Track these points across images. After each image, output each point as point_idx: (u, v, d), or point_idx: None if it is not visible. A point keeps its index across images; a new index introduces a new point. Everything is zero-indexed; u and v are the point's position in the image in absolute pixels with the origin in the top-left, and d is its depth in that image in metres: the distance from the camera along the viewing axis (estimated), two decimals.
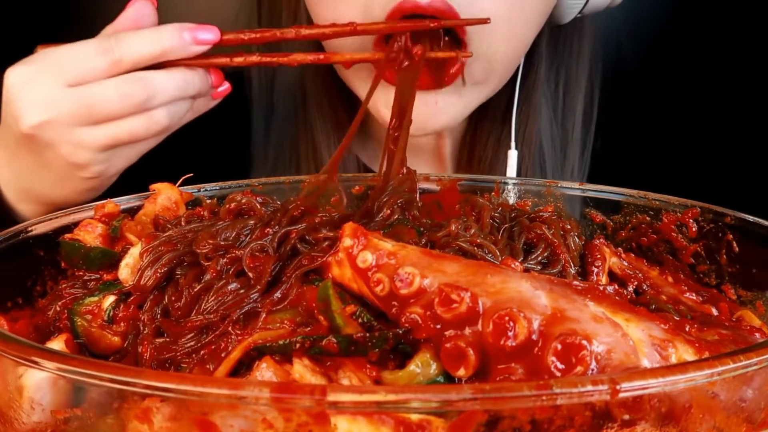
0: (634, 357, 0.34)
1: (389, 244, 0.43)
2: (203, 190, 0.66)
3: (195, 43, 0.67)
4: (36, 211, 0.75)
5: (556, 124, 0.95)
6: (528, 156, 0.91)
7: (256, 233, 0.48)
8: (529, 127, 0.91)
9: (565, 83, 0.95)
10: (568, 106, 0.95)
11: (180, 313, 0.45)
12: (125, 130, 0.67)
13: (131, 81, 0.66)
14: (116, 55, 0.65)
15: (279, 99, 0.97)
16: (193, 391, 0.29)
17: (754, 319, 0.52)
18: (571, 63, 0.94)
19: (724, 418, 0.33)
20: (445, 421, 0.31)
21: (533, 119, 0.91)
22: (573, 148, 0.95)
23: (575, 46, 0.94)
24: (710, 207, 0.59)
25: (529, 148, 0.91)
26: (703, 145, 1.04)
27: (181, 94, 0.69)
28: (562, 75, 0.95)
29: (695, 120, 1.05)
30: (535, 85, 0.91)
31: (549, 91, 0.94)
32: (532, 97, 0.91)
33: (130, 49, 0.65)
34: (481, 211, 0.55)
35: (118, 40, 0.66)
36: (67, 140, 0.67)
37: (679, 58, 1.11)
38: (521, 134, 0.91)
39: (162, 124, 0.68)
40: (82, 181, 0.71)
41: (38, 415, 0.35)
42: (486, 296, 0.37)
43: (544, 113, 0.93)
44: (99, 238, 0.55)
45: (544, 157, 0.93)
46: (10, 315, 0.51)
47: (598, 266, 0.53)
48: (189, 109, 0.71)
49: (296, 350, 0.38)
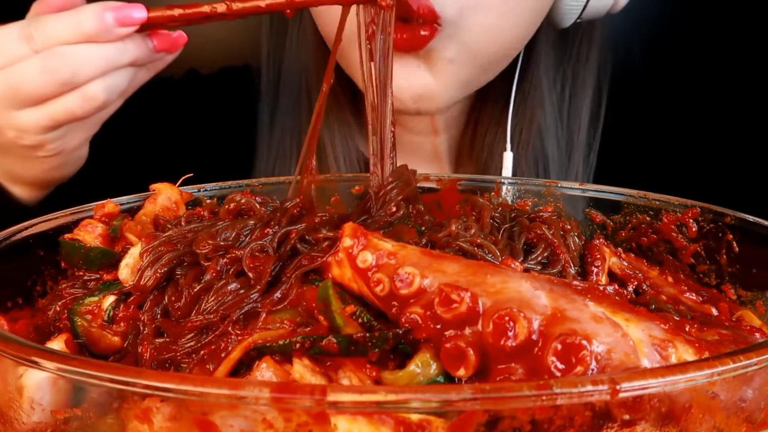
0: (634, 357, 0.34)
1: (389, 244, 0.43)
2: (203, 190, 0.66)
3: (119, 24, 0.63)
4: (26, 191, 0.76)
5: (561, 127, 0.94)
6: (525, 159, 0.91)
7: (256, 233, 0.48)
8: (526, 130, 0.91)
9: (572, 87, 0.95)
10: (574, 109, 0.95)
11: (180, 313, 0.45)
12: (60, 109, 0.65)
13: (51, 57, 0.63)
14: (37, 42, 0.63)
15: (284, 92, 0.97)
16: (193, 391, 0.29)
17: (754, 319, 0.52)
18: (578, 67, 0.94)
19: (724, 418, 0.33)
20: (445, 421, 0.31)
21: (531, 122, 0.91)
22: (578, 152, 0.95)
23: (583, 50, 0.94)
24: (710, 207, 0.59)
25: (526, 150, 0.91)
26: (704, 145, 1.04)
27: (113, 65, 0.65)
28: (568, 78, 0.94)
29: (695, 120, 1.05)
30: (534, 88, 0.91)
31: (555, 94, 0.94)
32: (531, 100, 0.91)
33: (48, 35, 0.63)
34: (481, 211, 0.55)
35: (37, 26, 0.63)
36: (8, 125, 0.66)
37: (681, 60, 1.11)
38: (517, 137, 0.91)
39: (98, 99, 0.66)
40: (44, 160, 0.70)
41: (38, 415, 0.35)
42: (486, 296, 0.37)
43: (549, 116, 0.93)
44: (99, 238, 0.55)
45: (548, 160, 0.93)
46: (10, 315, 0.51)
47: (598, 266, 0.53)
48: (130, 79, 0.68)
49: (296, 350, 0.38)
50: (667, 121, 1.04)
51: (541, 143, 0.92)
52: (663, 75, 1.07)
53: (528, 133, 0.91)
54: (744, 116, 1.08)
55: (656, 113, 1.03)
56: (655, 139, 1.03)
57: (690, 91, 1.07)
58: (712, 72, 1.10)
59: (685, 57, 1.11)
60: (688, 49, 1.12)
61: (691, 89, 1.07)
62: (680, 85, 1.07)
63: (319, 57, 0.92)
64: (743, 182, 1.02)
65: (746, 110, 1.08)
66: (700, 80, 1.09)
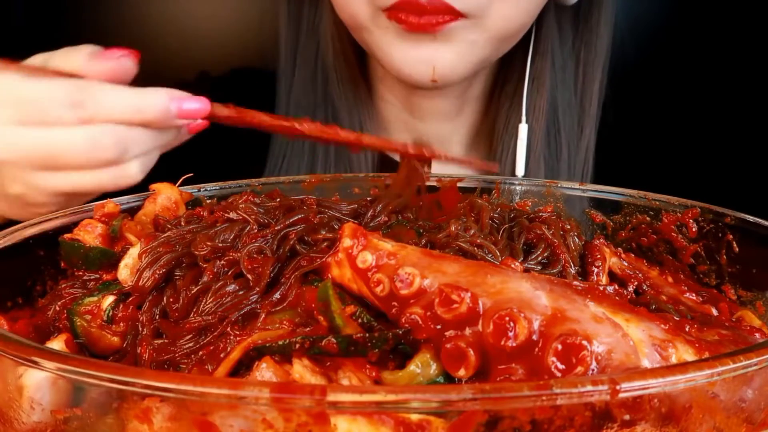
0: (635, 357, 0.34)
1: (389, 244, 0.43)
2: (203, 190, 0.66)
3: (181, 117, 0.59)
4: None
5: (575, 97, 0.97)
6: (538, 130, 0.93)
7: (252, 235, 0.48)
8: (540, 101, 0.93)
9: (585, 60, 0.97)
10: (588, 80, 0.97)
11: (178, 314, 0.45)
12: (90, 181, 0.60)
13: (103, 134, 0.58)
14: (88, 112, 0.57)
15: (300, 71, 0.99)
16: (193, 391, 0.29)
17: (754, 319, 0.52)
18: (590, 41, 0.96)
19: (724, 418, 0.33)
20: (445, 421, 0.31)
21: (544, 93, 0.93)
22: (590, 123, 0.98)
23: (593, 24, 0.96)
24: (710, 207, 0.59)
25: (539, 122, 0.93)
26: (704, 145, 1.04)
27: (155, 146, 0.62)
28: (581, 52, 0.97)
29: (695, 120, 1.05)
30: (547, 61, 0.93)
31: (569, 68, 0.97)
32: (544, 73, 0.93)
33: (103, 108, 0.57)
34: (480, 211, 0.54)
35: (91, 96, 0.57)
36: (21, 181, 0.60)
37: (680, 58, 1.11)
38: (532, 109, 0.93)
39: (133, 179, 0.62)
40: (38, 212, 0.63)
41: (38, 415, 0.35)
42: (486, 296, 0.37)
43: (562, 87, 0.96)
44: (99, 238, 0.54)
45: (560, 131, 0.96)
46: (10, 315, 0.51)
47: (598, 266, 0.53)
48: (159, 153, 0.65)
49: (296, 350, 0.38)
50: (666, 121, 1.04)
51: (555, 114, 0.95)
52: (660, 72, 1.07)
53: (541, 104, 0.93)
54: (745, 116, 1.08)
55: (655, 113, 1.04)
56: (654, 139, 1.03)
57: (686, 89, 1.07)
58: (707, 70, 1.10)
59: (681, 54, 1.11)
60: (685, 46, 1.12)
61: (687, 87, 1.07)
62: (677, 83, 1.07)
63: (335, 34, 0.95)
64: (743, 182, 1.02)
65: (747, 110, 1.08)
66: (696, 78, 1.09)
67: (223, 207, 0.53)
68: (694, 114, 1.07)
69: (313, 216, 0.50)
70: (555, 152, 0.96)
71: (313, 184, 0.70)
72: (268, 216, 0.51)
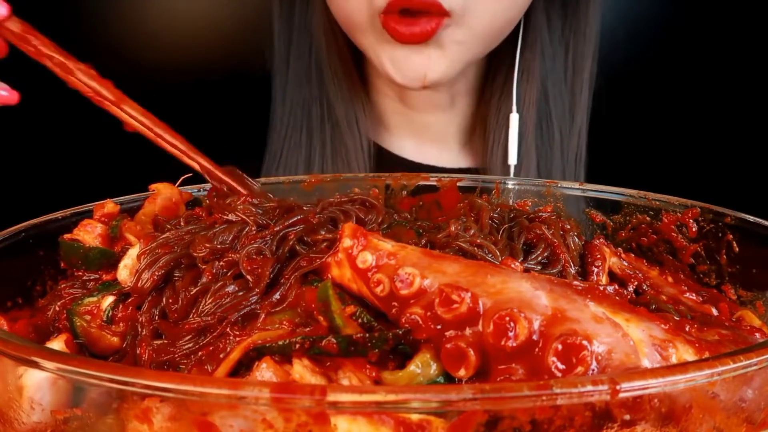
0: (635, 357, 0.34)
1: (389, 244, 0.43)
2: (203, 190, 0.66)
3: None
4: None
5: (565, 85, 0.98)
6: (529, 119, 0.94)
7: (251, 236, 0.48)
8: (530, 91, 0.94)
9: (574, 48, 0.98)
10: (578, 67, 0.98)
11: (177, 315, 0.45)
12: None
13: None
14: None
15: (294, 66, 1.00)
16: (193, 391, 0.29)
17: (754, 319, 0.52)
18: (579, 29, 0.97)
19: (724, 418, 0.33)
20: (445, 421, 0.31)
21: (534, 82, 0.94)
22: (581, 110, 0.98)
23: (582, 14, 0.97)
24: (710, 207, 0.59)
25: (530, 111, 0.94)
26: (704, 145, 1.04)
27: None
28: (571, 40, 0.98)
29: (695, 120, 1.05)
30: (536, 51, 0.94)
31: (559, 57, 0.97)
32: (534, 62, 0.94)
33: None
34: (480, 211, 0.54)
35: None
36: None
37: (680, 58, 1.11)
38: (522, 99, 0.94)
39: None
40: None
41: (38, 415, 0.35)
42: (486, 296, 0.37)
43: (552, 75, 0.97)
44: (98, 238, 0.54)
45: (551, 118, 0.97)
46: (10, 315, 0.51)
47: (598, 266, 0.53)
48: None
49: (296, 351, 0.38)
50: (658, 109, 1.04)
51: (545, 102, 0.96)
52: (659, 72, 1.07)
53: (532, 94, 0.94)
54: (744, 115, 1.08)
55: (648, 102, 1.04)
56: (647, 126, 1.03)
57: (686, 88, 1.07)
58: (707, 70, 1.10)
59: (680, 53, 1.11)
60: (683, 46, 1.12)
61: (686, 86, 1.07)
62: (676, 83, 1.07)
63: (328, 29, 0.95)
64: (743, 182, 1.02)
65: (747, 110, 1.08)
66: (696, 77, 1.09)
67: (221, 208, 0.53)
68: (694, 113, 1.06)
69: (312, 216, 0.50)
70: (547, 140, 0.97)
71: (313, 184, 0.70)
72: (267, 217, 0.51)
